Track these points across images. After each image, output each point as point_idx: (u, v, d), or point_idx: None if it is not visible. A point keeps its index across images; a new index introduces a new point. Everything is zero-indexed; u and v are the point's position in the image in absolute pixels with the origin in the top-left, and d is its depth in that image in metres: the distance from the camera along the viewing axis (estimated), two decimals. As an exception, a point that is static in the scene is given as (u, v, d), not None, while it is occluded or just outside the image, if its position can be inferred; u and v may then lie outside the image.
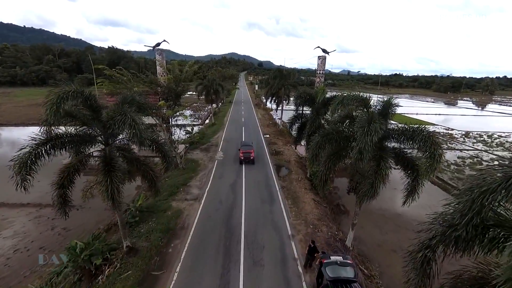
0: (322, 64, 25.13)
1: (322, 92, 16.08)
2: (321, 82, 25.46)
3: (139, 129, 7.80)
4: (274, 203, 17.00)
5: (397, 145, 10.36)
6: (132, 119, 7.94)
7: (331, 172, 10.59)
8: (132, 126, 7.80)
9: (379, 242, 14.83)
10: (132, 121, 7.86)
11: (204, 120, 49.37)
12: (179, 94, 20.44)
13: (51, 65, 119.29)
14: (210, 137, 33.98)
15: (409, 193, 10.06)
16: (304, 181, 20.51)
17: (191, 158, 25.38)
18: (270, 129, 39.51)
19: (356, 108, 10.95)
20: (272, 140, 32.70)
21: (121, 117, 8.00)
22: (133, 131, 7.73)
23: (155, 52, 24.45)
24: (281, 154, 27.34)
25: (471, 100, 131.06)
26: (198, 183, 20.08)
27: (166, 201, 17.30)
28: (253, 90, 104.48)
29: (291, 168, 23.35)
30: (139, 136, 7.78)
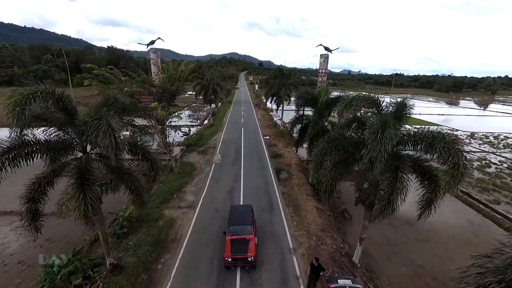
0: (325, 63, 23.99)
1: (325, 92, 14.95)
2: (323, 81, 24.32)
3: (115, 138, 6.65)
4: (274, 211, 15.86)
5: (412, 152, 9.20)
6: (108, 124, 6.79)
7: (337, 182, 9.44)
8: (107, 134, 6.66)
9: (388, 255, 13.67)
10: (107, 128, 6.72)
11: (203, 120, 48.22)
12: (173, 94, 19.29)
13: (49, 65, 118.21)
14: (208, 138, 32.85)
15: (425, 206, 8.91)
16: (305, 187, 19.35)
17: (187, 161, 24.24)
18: (270, 130, 38.36)
19: (366, 111, 9.77)
20: (272, 142, 31.55)
21: (95, 122, 6.85)
22: (107, 140, 6.59)
23: (149, 50, 23.34)
24: (281, 156, 26.19)
25: (473, 100, 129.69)
26: (194, 188, 18.95)
27: (158, 209, 16.16)
28: (253, 90, 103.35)
29: (292, 172, 22.20)
30: (114, 146, 6.63)
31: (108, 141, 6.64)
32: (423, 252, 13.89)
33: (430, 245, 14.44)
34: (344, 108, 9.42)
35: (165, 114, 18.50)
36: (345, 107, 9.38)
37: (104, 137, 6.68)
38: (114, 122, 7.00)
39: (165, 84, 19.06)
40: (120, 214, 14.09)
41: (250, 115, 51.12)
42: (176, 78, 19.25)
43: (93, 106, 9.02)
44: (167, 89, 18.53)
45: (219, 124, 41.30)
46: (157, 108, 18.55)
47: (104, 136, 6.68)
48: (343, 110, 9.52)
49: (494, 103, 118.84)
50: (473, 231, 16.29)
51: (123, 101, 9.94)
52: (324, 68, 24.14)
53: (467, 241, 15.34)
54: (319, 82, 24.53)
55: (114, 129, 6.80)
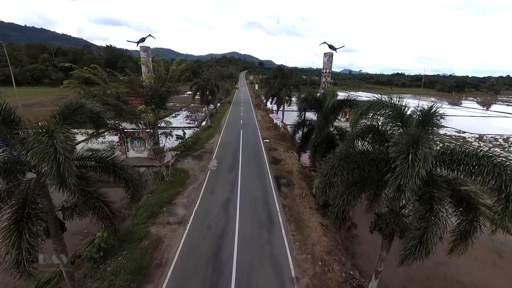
0: (329, 62, 22.22)
1: (332, 95, 13.21)
2: (327, 82, 22.55)
3: (58, 162, 4.91)
4: (273, 229, 14.12)
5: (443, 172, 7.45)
6: (51, 144, 5.05)
7: (351, 207, 7.71)
8: (49, 155, 4.94)
9: (404, 281, 11.93)
10: (49, 148, 4.99)
11: (201, 122, 46.42)
12: (163, 96, 17.54)
13: (46, 64, 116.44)
14: (204, 142, 31.11)
15: (460, 239, 7.18)
16: (309, 198, 17.62)
17: (180, 168, 22.50)
18: (270, 132, 36.62)
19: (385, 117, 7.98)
20: (272, 146, 29.81)
21: (34, 140, 5.13)
22: (47, 165, 4.86)
23: (139, 49, 21.61)
24: (282, 162, 24.45)
25: (475, 100, 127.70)
26: (186, 200, 17.21)
27: (144, 225, 14.42)
28: (253, 90, 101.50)
29: (293, 181, 20.46)
30: (57, 172, 4.91)
31: (48, 166, 4.90)
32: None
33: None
34: (359, 117, 7.67)
35: (152, 118, 16.74)
36: (361, 115, 7.62)
37: (43, 159, 4.94)
38: (61, 140, 5.24)
39: (154, 85, 17.31)
40: (97, 234, 12.34)
41: (250, 116, 49.37)
42: (166, 79, 17.49)
43: (50, 116, 7.27)
44: (156, 90, 16.80)
45: (217, 126, 39.57)
46: (144, 111, 16.82)
47: (44, 158, 4.94)
48: (358, 119, 7.77)
49: (498, 103, 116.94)
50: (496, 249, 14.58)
51: (92, 108, 8.18)
52: (328, 68, 22.37)
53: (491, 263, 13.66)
54: (323, 82, 22.77)
55: (58, 151, 5.04)
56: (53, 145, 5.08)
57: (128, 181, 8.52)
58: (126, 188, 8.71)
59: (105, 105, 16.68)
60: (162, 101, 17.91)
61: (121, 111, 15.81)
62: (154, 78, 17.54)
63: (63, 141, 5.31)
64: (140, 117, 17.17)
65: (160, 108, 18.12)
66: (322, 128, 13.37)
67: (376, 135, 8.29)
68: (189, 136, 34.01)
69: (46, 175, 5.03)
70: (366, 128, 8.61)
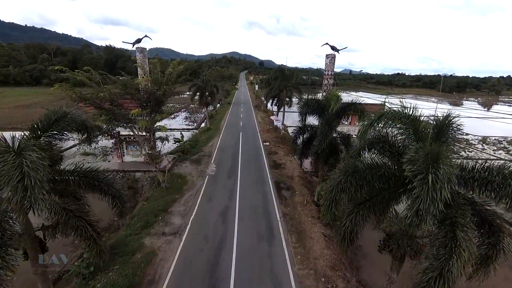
0: (331, 64, 21.48)
1: (336, 100, 12.50)
2: (329, 84, 21.82)
3: (23, 185, 4.21)
4: (274, 240, 13.41)
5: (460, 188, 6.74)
6: (18, 164, 4.35)
7: (359, 227, 7.01)
8: (13, 178, 4.24)
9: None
10: (15, 170, 4.28)
11: (200, 123, 45.74)
12: (160, 100, 16.82)
13: (45, 64, 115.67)
14: (203, 145, 30.41)
15: (481, 263, 6.48)
16: (310, 206, 16.91)
17: (178, 173, 21.80)
18: (270, 134, 35.91)
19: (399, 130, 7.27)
20: (272, 149, 29.12)
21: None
22: (14, 189, 4.17)
23: (135, 50, 20.89)
24: (282, 167, 23.74)
25: (477, 101, 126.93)
26: (182, 208, 16.51)
27: (138, 236, 13.72)
28: (253, 90, 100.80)
29: (294, 187, 19.77)
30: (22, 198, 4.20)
31: (12, 191, 4.20)
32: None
33: None
34: (368, 129, 6.96)
35: (147, 123, 16.02)
36: (370, 126, 6.92)
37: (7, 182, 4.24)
38: (31, 160, 4.53)
39: (150, 89, 16.59)
40: (87, 249, 11.61)
41: (250, 117, 48.66)
42: (162, 81, 16.76)
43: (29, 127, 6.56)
44: (151, 94, 16.09)
45: (216, 128, 38.86)
46: (138, 115, 16.09)
47: (8, 181, 4.24)
48: (367, 131, 7.05)
49: (500, 104, 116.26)
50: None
51: (77, 118, 7.48)
52: (331, 70, 21.62)
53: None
54: (325, 85, 22.03)
55: (26, 173, 4.34)
56: (21, 166, 4.38)
57: (115, 197, 7.79)
58: (113, 205, 7.98)
59: (99, 109, 16.03)
60: (158, 104, 17.19)
61: (115, 115, 15.10)
62: (150, 81, 16.81)
63: (34, 161, 4.61)
64: (134, 121, 16.46)
65: (156, 112, 17.39)
66: (326, 135, 12.67)
67: (386, 146, 7.58)
68: (187, 138, 33.36)
69: (8, 201, 4.29)
70: (375, 138, 7.89)
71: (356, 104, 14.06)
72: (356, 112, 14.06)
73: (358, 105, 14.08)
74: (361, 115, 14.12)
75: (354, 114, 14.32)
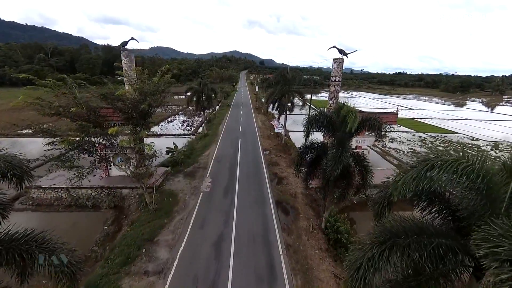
0: (339, 69, 19.32)
1: (354, 118, 10.37)
2: (337, 91, 19.68)
3: None
4: (275, 283, 11.32)
5: None
6: None
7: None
8: None
9: None
10: None
11: (197, 128, 43.63)
12: (144, 113, 14.70)
13: (42, 64, 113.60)
14: (199, 154, 28.32)
15: None
16: (317, 235, 14.80)
17: (169, 190, 19.73)
18: (271, 141, 33.80)
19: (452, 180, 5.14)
20: (273, 159, 27.01)
21: None
22: None
23: (121, 53, 18.79)
24: (284, 181, 21.66)
25: (480, 101, 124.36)
26: (170, 237, 14.43)
27: (116, 276, 11.64)
28: (254, 91, 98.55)
29: (298, 207, 17.69)
30: None
31: None
32: None
33: None
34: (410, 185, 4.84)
35: (127, 143, 13.87)
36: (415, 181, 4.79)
37: None
38: None
39: (132, 100, 14.44)
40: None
41: (250, 122, 46.51)
42: (148, 92, 14.62)
43: None
44: (135, 106, 13.99)
45: (214, 134, 36.75)
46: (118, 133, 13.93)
47: None
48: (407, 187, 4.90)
49: (505, 104, 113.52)
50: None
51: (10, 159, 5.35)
52: (338, 75, 19.46)
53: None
54: (332, 92, 19.88)
55: None
56: None
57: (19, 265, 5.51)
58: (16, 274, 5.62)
59: (75, 121, 14.00)
60: (144, 117, 15.08)
61: (89, 133, 13.00)
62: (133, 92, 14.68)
63: None
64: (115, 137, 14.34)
65: (142, 126, 15.27)
66: (339, 159, 10.55)
67: (436, 201, 5.46)
68: (182, 147, 31.27)
69: None
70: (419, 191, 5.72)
71: (372, 120, 11.94)
72: (372, 128, 11.95)
73: (375, 121, 11.97)
74: (378, 132, 12.01)
75: (370, 130, 12.20)
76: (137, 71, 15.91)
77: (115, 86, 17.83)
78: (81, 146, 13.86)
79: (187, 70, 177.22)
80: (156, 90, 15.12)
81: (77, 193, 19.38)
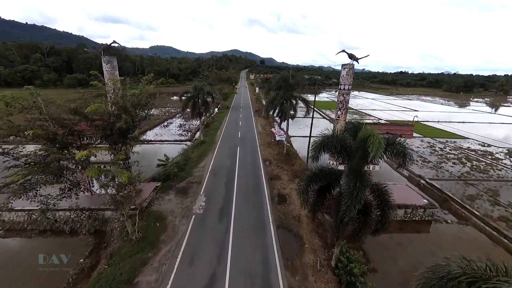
0: (349, 76, 17.09)
1: (377, 146, 8.15)
2: (346, 101, 17.46)
3: None
4: None
5: None
6: None
7: None
8: None
9: None
10: None
11: (195, 133, 41.41)
12: (123, 132, 12.46)
13: (38, 64, 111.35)
14: (194, 165, 26.14)
15: None
16: (326, 274, 12.58)
17: (157, 212, 17.56)
18: (272, 150, 31.60)
19: None
20: (274, 171, 24.80)
21: None
22: None
23: (102, 59, 16.59)
24: (287, 201, 19.46)
25: (485, 102, 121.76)
26: (154, 277, 12.25)
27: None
28: (254, 92, 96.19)
29: (303, 235, 15.50)
30: None
31: None
32: None
33: None
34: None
35: (95, 173, 11.55)
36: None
37: None
38: None
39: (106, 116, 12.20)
40: None
41: (249, 126, 44.32)
42: (127, 107, 12.34)
43: None
44: (108, 125, 11.77)
45: (211, 141, 34.55)
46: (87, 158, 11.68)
47: None
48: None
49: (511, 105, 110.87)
50: None
51: None
52: (348, 83, 17.21)
53: None
54: (340, 102, 17.65)
55: None
56: None
57: None
58: None
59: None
60: (123, 135, 12.85)
61: (47, 166, 10.73)
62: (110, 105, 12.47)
63: None
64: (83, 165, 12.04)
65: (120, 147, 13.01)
66: (357, 197, 8.37)
67: None
68: (176, 156, 29.11)
69: None
70: None
71: (397, 145, 9.73)
72: (397, 155, 9.74)
73: (399, 146, 9.76)
74: (403, 159, 9.81)
75: (394, 156, 9.98)
76: (114, 81, 13.63)
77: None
78: (48, 171, 11.65)
79: (187, 70, 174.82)
80: (138, 104, 12.87)
81: (54, 215, 17.23)
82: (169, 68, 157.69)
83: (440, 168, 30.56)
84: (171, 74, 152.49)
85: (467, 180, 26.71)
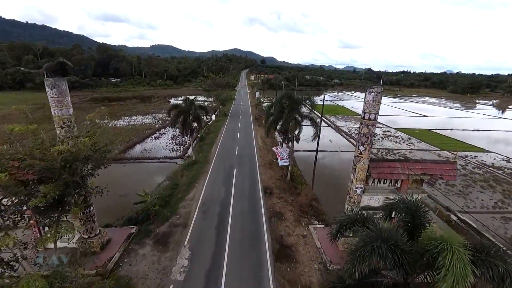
0: (375, 102, 12.87)
1: (463, 275, 4.12)
2: (370, 135, 13.29)
3: None
4: None
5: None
6: None
7: None
8: None
9: None
10: None
11: (188, 147, 37.23)
12: (61, 198, 8.39)
13: (29, 67, 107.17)
14: (181, 196, 22.05)
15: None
16: None
17: (125, 279, 13.45)
18: (273, 173, 27.47)
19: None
20: (276, 207, 20.70)
21: None
22: None
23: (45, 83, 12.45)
24: (292, 257, 15.34)
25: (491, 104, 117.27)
26: None
27: None
28: (254, 95, 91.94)
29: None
30: None
31: None
32: None
33: None
34: None
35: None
36: None
37: None
38: None
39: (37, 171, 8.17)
40: None
41: (248, 140, 40.08)
42: (64, 159, 8.22)
43: None
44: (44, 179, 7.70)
45: (204, 160, 30.40)
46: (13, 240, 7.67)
47: None
48: None
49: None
50: None
51: None
52: (374, 112, 13.03)
53: None
54: (363, 135, 13.44)
55: None
56: None
57: None
58: None
59: None
60: (62, 204, 8.75)
61: None
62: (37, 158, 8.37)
63: None
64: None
65: (57, 221, 8.89)
66: None
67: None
68: (161, 183, 25.05)
69: None
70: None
71: (493, 258, 5.59)
72: (494, 280, 5.61)
73: (498, 259, 5.61)
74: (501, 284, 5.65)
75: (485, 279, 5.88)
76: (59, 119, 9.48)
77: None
78: None
79: (186, 70, 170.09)
80: (79, 155, 8.75)
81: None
82: (167, 69, 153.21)
83: (468, 195, 26.41)
84: (169, 75, 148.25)
85: (505, 213, 22.60)
